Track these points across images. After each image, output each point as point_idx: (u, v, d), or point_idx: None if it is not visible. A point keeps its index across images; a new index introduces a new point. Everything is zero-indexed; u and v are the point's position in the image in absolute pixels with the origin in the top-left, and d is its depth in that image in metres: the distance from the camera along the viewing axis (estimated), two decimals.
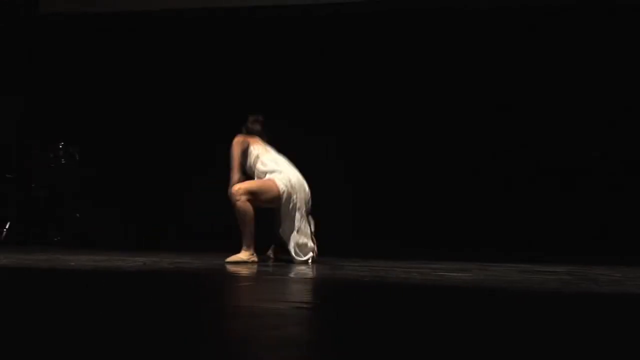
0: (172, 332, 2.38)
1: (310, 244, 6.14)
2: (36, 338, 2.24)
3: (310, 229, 6.17)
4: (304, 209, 6.13)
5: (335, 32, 8.74)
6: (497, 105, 8.38)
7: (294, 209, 6.06)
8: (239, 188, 5.92)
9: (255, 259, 5.92)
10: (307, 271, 5.23)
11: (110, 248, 7.16)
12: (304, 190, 6.14)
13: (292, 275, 4.92)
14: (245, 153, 6.17)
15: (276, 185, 6.00)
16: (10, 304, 3.09)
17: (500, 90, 8.42)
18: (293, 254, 6.08)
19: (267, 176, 6.08)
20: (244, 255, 5.89)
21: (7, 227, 8.00)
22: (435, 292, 3.93)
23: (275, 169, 6.08)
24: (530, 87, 8.37)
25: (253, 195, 5.92)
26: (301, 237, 6.11)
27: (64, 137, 8.47)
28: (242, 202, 5.88)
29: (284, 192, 6.00)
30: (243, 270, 5.08)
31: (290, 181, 6.04)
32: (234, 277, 4.73)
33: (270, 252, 6.29)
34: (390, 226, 8.32)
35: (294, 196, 6.05)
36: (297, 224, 6.06)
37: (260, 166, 6.12)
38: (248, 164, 6.17)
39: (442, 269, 5.44)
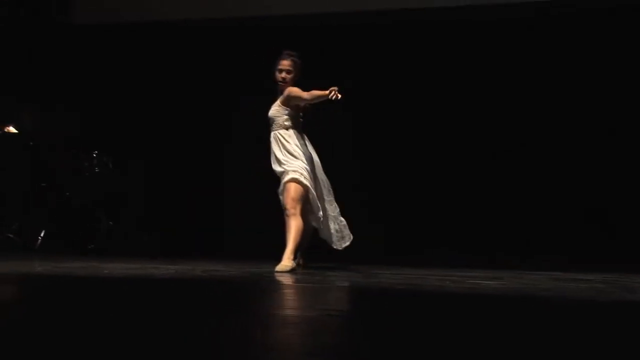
0: (210, 341, 2.39)
1: (344, 230, 6.09)
2: (70, 344, 2.26)
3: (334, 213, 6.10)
4: (328, 195, 6.09)
5: (355, 40, 8.77)
6: (518, 108, 8.38)
7: (320, 197, 5.99)
8: (290, 204, 5.82)
9: (294, 265, 5.85)
10: (341, 279, 5.23)
11: (143, 256, 7.21)
12: (322, 176, 6.10)
13: (325, 283, 4.93)
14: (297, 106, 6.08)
15: (298, 183, 5.91)
16: (44, 312, 3.13)
17: (528, 93, 8.40)
18: (335, 241, 6.07)
19: (285, 165, 5.96)
20: (288, 263, 5.74)
21: (41, 235, 8.07)
22: (471, 301, 3.92)
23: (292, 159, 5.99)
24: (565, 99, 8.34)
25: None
26: (334, 224, 6.07)
27: (97, 146, 8.53)
28: (294, 215, 5.80)
29: (306, 185, 5.92)
30: (279, 278, 5.09)
31: (306, 170, 5.96)
32: (268, 284, 4.74)
33: (299, 260, 6.24)
34: (417, 233, 8.31)
35: (315, 185, 6.00)
36: (326, 212, 6.02)
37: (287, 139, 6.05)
38: (289, 113, 6.07)
39: (475, 277, 5.43)
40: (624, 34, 8.23)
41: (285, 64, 6.13)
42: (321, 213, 6.00)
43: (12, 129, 8.49)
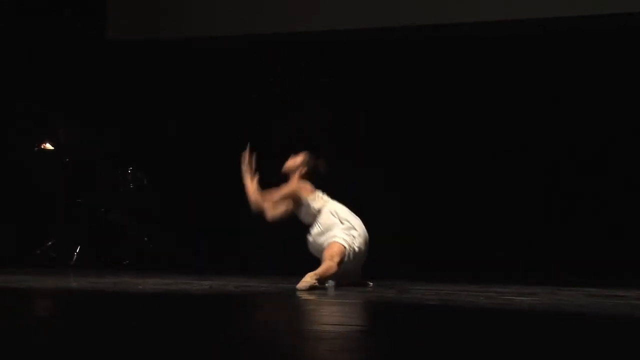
0: (240, 356, 2.40)
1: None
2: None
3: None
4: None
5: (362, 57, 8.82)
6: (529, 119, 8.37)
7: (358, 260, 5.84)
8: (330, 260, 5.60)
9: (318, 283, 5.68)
10: (374, 295, 5.23)
11: (178, 271, 7.24)
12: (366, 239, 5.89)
13: (359, 299, 4.92)
14: (298, 201, 5.93)
15: (342, 246, 5.70)
16: (77, 328, 3.15)
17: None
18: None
19: (331, 231, 5.79)
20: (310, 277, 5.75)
21: (77, 250, 8.14)
22: (505, 317, 3.90)
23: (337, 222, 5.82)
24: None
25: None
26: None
27: (132, 162, 8.59)
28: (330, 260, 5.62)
29: (349, 251, 5.71)
30: (309, 294, 5.09)
31: (357, 232, 5.80)
32: (298, 300, 4.75)
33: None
34: (444, 251, 8.27)
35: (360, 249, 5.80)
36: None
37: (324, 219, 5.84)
38: (302, 213, 5.95)
39: (509, 292, 5.40)
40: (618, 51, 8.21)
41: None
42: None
43: (48, 146, 8.59)
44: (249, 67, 9.15)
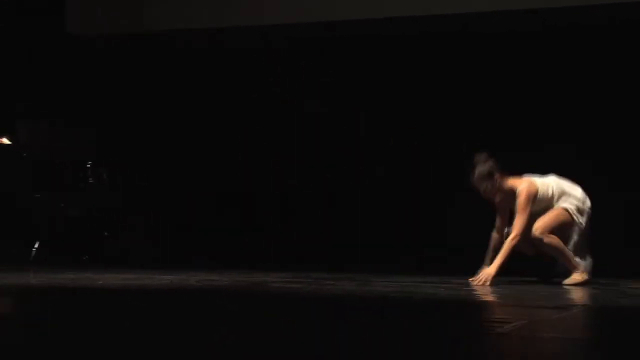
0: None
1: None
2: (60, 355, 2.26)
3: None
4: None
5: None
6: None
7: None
8: (537, 229, 5.60)
9: (587, 277, 5.63)
10: (335, 288, 5.22)
11: (138, 266, 7.19)
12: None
13: (315, 292, 4.91)
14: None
15: (567, 212, 5.72)
16: (36, 324, 3.12)
17: None
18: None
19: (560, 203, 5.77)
20: (578, 276, 5.60)
21: (35, 246, 8.05)
22: (454, 307, 3.90)
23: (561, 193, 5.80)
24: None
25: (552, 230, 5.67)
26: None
27: (92, 157, 8.50)
28: (547, 237, 5.61)
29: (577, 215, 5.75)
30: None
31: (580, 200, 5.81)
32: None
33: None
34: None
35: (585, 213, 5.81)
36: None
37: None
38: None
39: (469, 284, 5.42)
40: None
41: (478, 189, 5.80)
42: None
43: (5, 141, 8.49)
44: (217, 60, 9.03)
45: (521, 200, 5.64)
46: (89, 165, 8.37)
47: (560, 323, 3.45)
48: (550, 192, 5.75)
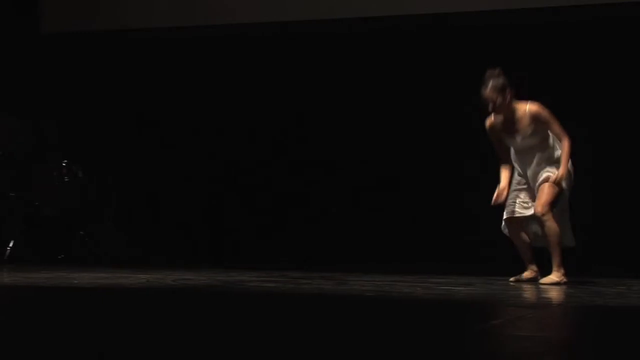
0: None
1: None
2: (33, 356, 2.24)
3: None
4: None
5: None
6: None
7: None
8: (543, 205, 5.52)
9: (566, 279, 5.54)
10: (312, 286, 5.22)
11: (114, 265, 7.15)
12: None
13: (294, 292, 4.91)
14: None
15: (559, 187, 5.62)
16: (10, 323, 3.10)
17: None
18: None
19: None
20: (556, 277, 5.51)
21: (10, 245, 7.99)
22: (440, 307, 3.93)
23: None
24: None
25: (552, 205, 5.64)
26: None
27: (67, 155, 8.45)
28: (550, 220, 5.54)
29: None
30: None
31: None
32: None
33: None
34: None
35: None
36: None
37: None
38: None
39: (446, 283, 5.44)
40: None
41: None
42: None
43: None
44: (189, 58, 9.01)
45: (544, 114, 5.57)
46: (64, 164, 8.32)
47: (536, 321, 3.47)
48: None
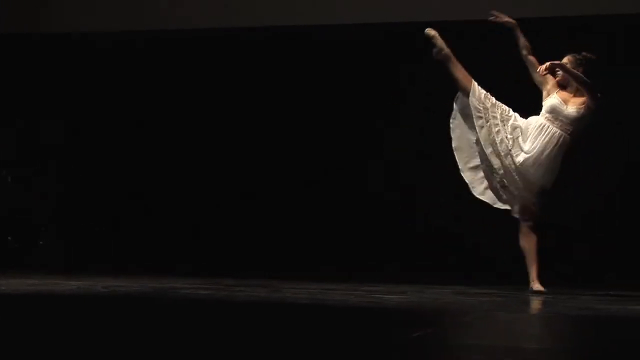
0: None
1: None
2: None
3: None
4: None
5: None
6: None
7: None
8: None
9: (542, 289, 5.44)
10: (246, 294, 5.21)
11: (43, 271, 7.04)
12: None
13: (231, 299, 4.89)
14: None
15: None
16: None
17: None
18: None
19: None
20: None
21: None
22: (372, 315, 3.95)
23: None
24: None
25: None
26: None
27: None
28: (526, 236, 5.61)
29: None
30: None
31: None
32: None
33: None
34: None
35: None
36: None
37: None
38: None
39: (380, 291, 5.47)
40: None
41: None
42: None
43: None
44: (143, 61, 8.89)
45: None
46: None
47: (472, 329, 3.51)
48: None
